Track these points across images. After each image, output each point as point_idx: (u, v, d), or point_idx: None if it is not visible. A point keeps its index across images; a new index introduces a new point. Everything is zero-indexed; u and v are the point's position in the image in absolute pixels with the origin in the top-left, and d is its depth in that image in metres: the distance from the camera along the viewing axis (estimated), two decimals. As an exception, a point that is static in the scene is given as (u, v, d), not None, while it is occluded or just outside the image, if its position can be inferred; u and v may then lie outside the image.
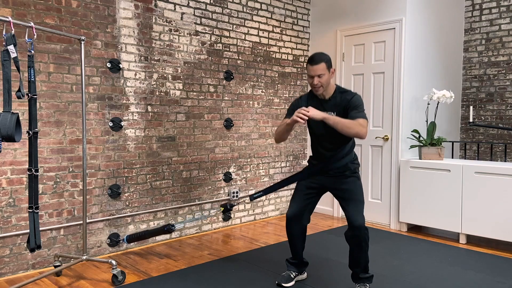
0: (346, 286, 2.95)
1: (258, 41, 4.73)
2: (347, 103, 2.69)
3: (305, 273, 3.06)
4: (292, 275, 2.95)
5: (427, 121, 4.45)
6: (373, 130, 4.69)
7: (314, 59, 2.70)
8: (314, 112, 2.53)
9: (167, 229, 3.38)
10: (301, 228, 2.88)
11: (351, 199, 2.73)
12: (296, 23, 5.16)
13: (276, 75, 4.94)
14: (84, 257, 3.07)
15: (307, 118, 2.53)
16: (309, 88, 2.80)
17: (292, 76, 5.13)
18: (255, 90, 4.73)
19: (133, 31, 3.69)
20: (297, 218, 2.84)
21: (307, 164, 3.03)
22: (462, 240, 4.00)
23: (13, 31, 2.37)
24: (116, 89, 3.61)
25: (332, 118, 2.55)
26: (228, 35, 4.43)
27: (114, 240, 3.63)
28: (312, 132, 2.87)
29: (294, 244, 2.92)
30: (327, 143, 2.78)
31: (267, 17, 4.81)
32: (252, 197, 3.11)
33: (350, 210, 2.70)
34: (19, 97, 2.38)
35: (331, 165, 2.79)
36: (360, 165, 2.93)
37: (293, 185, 5.21)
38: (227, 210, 3.30)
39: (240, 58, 4.55)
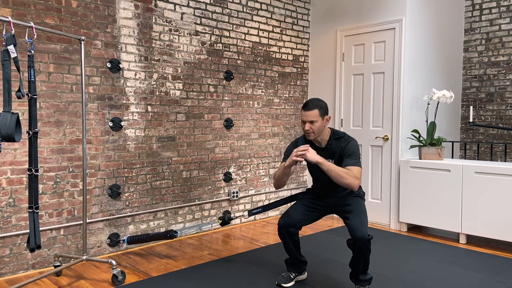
0: (346, 286, 2.95)
1: (258, 41, 4.73)
2: (342, 151, 2.71)
3: (305, 273, 3.06)
4: (292, 276, 2.95)
5: (427, 121, 4.45)
6: (373, 130, 4.69)
7: (308, 105, 2.69)
8: (310, 154, 2.56)
9: (170, 235, 3.41)
10: (292, 235, 2.85)
11: (354, 212, 2.71)
12: (296, 23, 5.16)
13: (276, 75, 4.94)
14: (84, 257, 3.07)
15: (304, 157, 2.57)
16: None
17: (292, 76, 5.13)
18: (255, 90, 4.73)
19: (133, 31, 3.69)
20: (288, 227, 2.81)
21: (310, 187, 3.07)
22: (462, 240, 4.00)
23: (13, 31, 2.37)
24: (116, 89, 3.61)
25: (327, 164, 2.56)
26: (228, 35, 4.43)
27: (114, 240, 3.63)
28: (310, 171, 2.93)
29: (288, 247, 2.90)
30: (326, 183, 2.76)
31: (267, 17, 4.81)
32: (251, 213, 3.13)
33: (352, 221, 2.66)
34: (19, 97, 2.38)
35: (332, 196, 2.84)
36: (365, 193, 2.96)
37: (293, 185, 5.20)
38: (225, 223, 3.34)
39: (240, 58, 4.55)
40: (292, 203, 3.08)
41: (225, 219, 3.34)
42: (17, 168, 3.11)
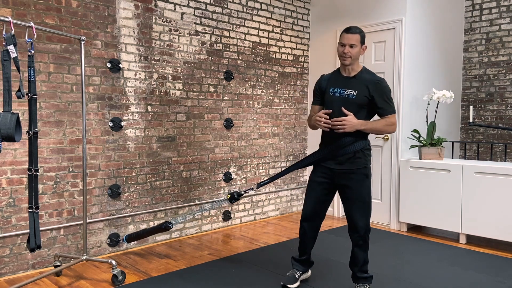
0: (346, 286, 2.95)
1: (258, 41, 4.73)
2: (377, 87, 2.65)
3: (310, 271, 3.06)
4: (297, 275, 2.93)
5: (427, 121, 4.45)
6: (373, 130, 4.69)
7: (351, 29, 2.67)
8: (350, 128, 2.58)
9: (165, 226, 3.38)
10: (316, 226, 2.87)
11: (356, 201, 2.68)
12: (296, 23, 5.16)
13: (276, 75, 4.94)
14: (84, 257, 3.07)
15: (342, 130, 2.57)
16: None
17: (292, 76, 5.13)
18: (255, 90, 4.73)
19: (133, 31, 3.69)
20: (314, 216, 2.82)
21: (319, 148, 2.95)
22: (462, 240, 4.00)
23: (13, 31, 2.37)
24: (116, 89, 3.61)
25: (368, 127, 2.63)
26: (228, 35, 4.43)
27: (114, 240, 3.63)
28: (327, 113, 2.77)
29: (304, 242, 2.89)
30: (335, 134, 2.70)
31: (267, 17, 4.81)
32: (259, 185, 3.09)
33: (354, 214, 2.66)
34: (19, 97, 2.38)
35: (341, 149, 2.70)
36: (371, 155, 2.86)
37: (293, 185, 5.21)
38: (233, 198, 3.18)
39: (240, 58, 4.55)
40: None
41: (234, 195, 3.17)
42: (17, 168, 3.11)
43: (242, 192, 3.16)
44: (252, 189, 3.19)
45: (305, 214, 2.86)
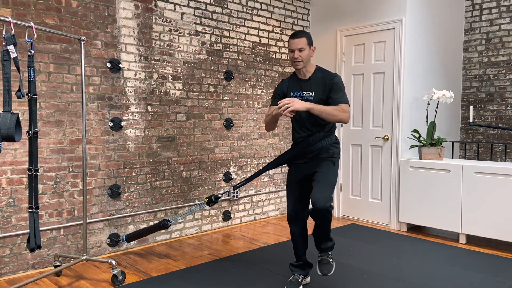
0: (346, 285, 2.95)
1: (258, 41, 4.73)
2: (329, 83, 2.72)
3: (309, 277, 3.04)
4: (299, 279, 2.90)
5: (427, 121, 4.45)
6: (373, 130, 4.69)
7: (297, 33, 2.75)
8: (298, 105, 2.55)
9: (163, 224, 3.37)
10: (302, 226, 2.87)
11: (319, 181, 2.68)
12: (296, 23, 5.16)
13: (276, 75, 4.94)
14: (84, 257, 3.07)
15: (291, 110, 2.55)
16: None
17: (292, 76, 5.13)
18: (255, 90, 4.73)
19: (133, 31, 3.69)
20: (296, 216, 2.84)
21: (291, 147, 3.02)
22: (462, 240, 4.00)
23: (13, 31, 2.37)
24: (116, 89, 3.61)
25: (317, 108, 2.59)
26: (228, 35, 4.43)
27: (114, 240, 3.63)
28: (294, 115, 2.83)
29: (297, 243, 2.89)
30: (308, 125, 2.78)
31: (267, 17, 4.81)
32: (236, 187, 3.11)
33: (315, 191, 2.63)
34: (19, 97, 2.39)
35: (310, 146, 2.78)
36: (340, 149, 2.93)
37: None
38: (211, 202, 3.21)
39: (240, 58, 4.55)
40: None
41: (212, 199, 3.23)
42: (17, 168, 3.11)
43: (220, 195, 3.20)
44: (229, 191, 3.26)
45: (289, 216, 2.87)
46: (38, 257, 3.24)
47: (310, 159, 2.82)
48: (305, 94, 2.78)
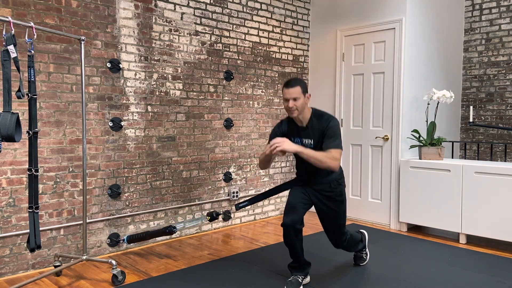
0: (346, 285, 2.95)
1: (258, 41, 4.73)
2: (324, 130, 2.77)
3: (308, 277, 3.04)
4: (299, 279, 2.89)
5: (427, 121, 4.45)
6: (373, 130, 4.69)
7: (290, 83, 2.78)
8: (287, 146, 2.64)
9: (169, 230, 3.40)
10: (298, 232, 2.83)
11: (332, 224, 2.93)
12: (296, 23, 5.16)
13: (276, 75, 4.94)
14: (84, 257, 3.07)
15: (280, 150, 2.63)
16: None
17: (292, 76, 5.13)
18: (255, 90, 4.73)
19: (133, 31, 3.69)
20: (295, 224, 2.79)
21: (295, 176, 3.14)
22: (462, 240, 4.00)
23: (13, 31, 2.37)
24: (116, 89, 3.61)
25: (305, 152, 2.66)
26: (228, 35, 4.43)
27: (114, 240, 3.63)
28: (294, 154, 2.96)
29: (294, 249, 2.86)
30: (310, 165, 2.78)
31: (267, 17, 4.81)
32: (238, 206, 3.15)
33: (331, 236, 2.97)
34: (19, 97, 2.39)
35: (317, 180, 2.90)
36: (345, 185, 3.03)
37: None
38: (213, 218, 3.38)
39: (240, 58, 4.55)
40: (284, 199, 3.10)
41: (213, 215, 3.38)
42: (17, 168, 3.11)
43: (221, 212, 3.40)
44: (230, 210, 3.38)
45: (284, 222, 2.80)
46: (38, 257, 3.24)
47: (316, 190, 2.92)
48: (305, 142, 2.86)
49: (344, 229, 2.97)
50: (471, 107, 4.44)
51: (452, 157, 4.93)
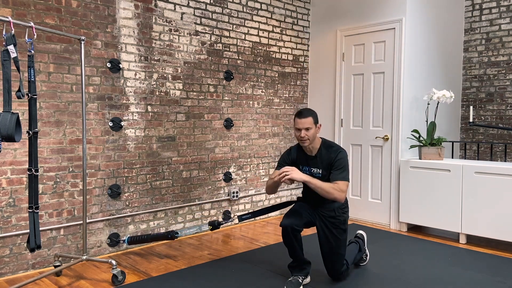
0: (346, 285, 2.95)
1: (258, 41, 4.73)
2: (332, 161, 2.83)
3: (309, 277, 3.03)
4: (299, 279, 2.89)
5: (427, 121, 4.45)
6: (373, 130, 4.69)
7: (303, 113, 2.85)
8: (296, 175, 2.71)
9: (171, 236, 3.41)
10: (297, 233, 2.84)
11: (332, 253, 2.92)
12: (296, 23, 5.16)
13: (276, 75, 4.94)
14: (84, 257, 3.07)
15: (289, 178, 2.69)
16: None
17: (292, 76, 5.13)
18: (255, 90, 4.73)
19: (133, 31, 3.69)
20: (294, 225, 2.80)
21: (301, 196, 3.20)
22: (462, 240, 4.00)
23: (13, 31, 2.37)
24: (116, 89, 3.61)
25: (313, 182, 2.73)
26: (228, 35, 4.43)
27: (114, 240, 3.63)
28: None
29: (294, 249, 2.87)
30: (316, 193, 2.82)
31: (267, 17, 4.81)
32: (241, 218, 3.18)
33: (329, 265, 2.95)
34: (19, 97, 2.39)
35: (322, 205, 2.93)
36: (348, 213, 3.06)
37: (294, 185, 5.20)
38: (214, 227, 3.41)
39: (240, 58, 4.55)
40: (286, 208, 3.13)
41: (215, 224, 3.43)
42: (17, 168, 3.11)
43: (223, 222, 3.45)
44: (232, 220, 3.44)
45: (284, 224, 2.82)
46: (38, 257, 3.24)
47: (322, 215, 2.94)
48: (314, 171, 2.92)
49: (343, 260, 2.95)
50: (471, 107, 4.44)
51: (452, 157, 4.93)
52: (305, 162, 2.97)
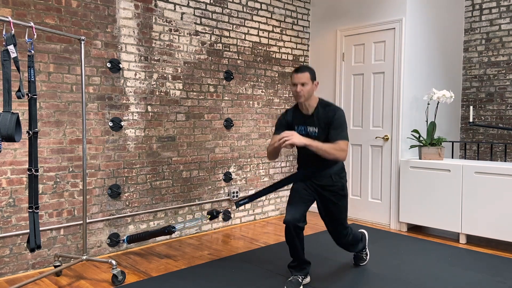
0: (346, 285, 2.95)
1: (258, 41, 4.73)
2: (330, 120, 2.80)
3: (309, 277, 3.04)
4: (299, 279, 2.89)
5: (427, 121, 4.45)
6: (373, 130, 4.69)
7: (300, 68, 2.83)
8: (296, 139, 2.66)
9: (168, 230, 3.40)
10: (300, 231, 2.84)
11: (334, 219, 2.94)
12: (296, 23, 5.16)
13: (276, 75, 4.94)
14: (84, 257, 3.07)
15: (290, 144, 2.66)
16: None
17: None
18: (255, 90, 4.73)
19: (133, 31, 3.69)
20: (296, 222, 2.79)
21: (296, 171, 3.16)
22: (462, 240, 4.00)
23: (13, 31, 2.37)
24: (116, 89, 3.61)
25: (314, 145, 2.70)
26: (228, 35, 4.43)
27: (114, 240, 3.63)
28: (296, 147, 2.97)
29: (295, 247, 2.87)
30: (311, 154, 2.79)
31: (267, 17, 4.81)
32: (238, 204, 3.16)
33: (333, 232, 2.98)
34: (19, 97, 2.39)
35: (319, 172, 2.89)
36: (347, 179, 3.03)
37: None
38: (213, 217, 3.36)
39: (240, 58, 4.55)
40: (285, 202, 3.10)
41: (213, 213, 3.37)
42: (17, 168, 3.11)
43: (221, 211, 3.39)
44: (230, 208, 3.40)
45: (286, 220, 2.82)
46: (38, 257, 3.24)
47: (318, 185, 2.92)
48: (310, 130, 2.87)
49: (346, 223, 2.97)
50: (471, 107, 4.44)
51: (452, 157, 4.93)
52: (301, 122, 2.91)
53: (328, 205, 2.92)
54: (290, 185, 3.09)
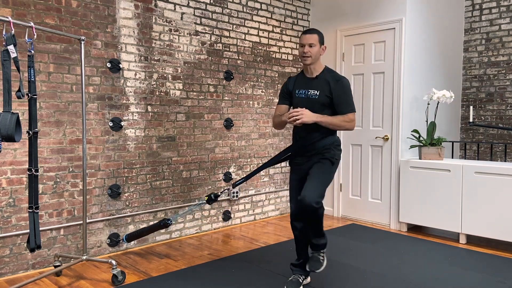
0: (346, 285, 2.95)
1: (258, 41, 4.73)
2: (335, 85, 2.75)
3: (309, 277, 3.04)
4: (300, 279, 2.89)
5: (427, 121, 4.45)
6: (373, 130, 4.69)
7: (310, 30, 2.81)
8: (306, 118, 2.64)
9: (163, 223, 3.37)
10: (304, 223, 2.83)
11: (312, 177, 2.68)
12: (296, 23, 5.16)
13: (276, 75, 4.94)
14: (84, 257, 3.07)
15: (300, 123, 2.62)
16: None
17: (292, 75, 5.12)
18: (255, 90, 4.73)
19: (133, 31, 3.69)
20: (303, 208, 2.69)
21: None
22: (462, 240, 4.00)
23: (13, 31, 2.37)
24: (116, 89, 3.61)
25: (324, 121, 2.68)
26: (228, 35, 4.43)
27: (114, 240, 3.63)
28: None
29: (299, 240, 2.89)
30: (309, 125, 2.74)
31: (267, 17, 4.81)
32: (234, 185, 3.13)
33: (305, 186, 2.63)
34: (19, 97, 2.39)
35: (310, 145, 2.78)
36: (341, 151, 2.92)
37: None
38: (211, 200, 3.23)
39: (240, 58, 4.55)
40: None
41: (211, 197, 3.25)
42: (17, 168, 3.11)
43: (219, 194, 3.21)
44: (228, 189, 3.32)
45: (292, 212, 2.88)
46: (38, 257, 3.24)
47: (310, 157, 2.81)
48: (310, 92, 2.80)
49: (323, 192, 2.66)
50: (471, 107, 4.44)
51: (452, 157, 4.93)
52: (304, 85, 2.83)
53: (313, 165, 2.76)
54: (289, 180, 3.02)
